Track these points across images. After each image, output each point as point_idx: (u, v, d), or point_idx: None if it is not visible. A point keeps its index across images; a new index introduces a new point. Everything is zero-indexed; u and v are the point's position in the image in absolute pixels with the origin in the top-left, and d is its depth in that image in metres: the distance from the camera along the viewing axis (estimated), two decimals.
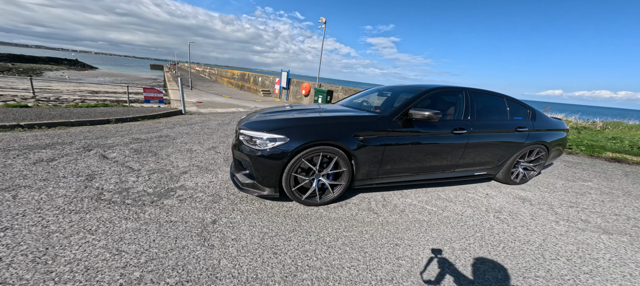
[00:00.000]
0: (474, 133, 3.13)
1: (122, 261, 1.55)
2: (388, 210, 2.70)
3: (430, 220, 2.57)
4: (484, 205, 3.04)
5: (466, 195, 3.28)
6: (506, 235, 2.45)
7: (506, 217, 2.78)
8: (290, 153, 2.29)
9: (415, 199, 3.01)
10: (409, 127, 2.77)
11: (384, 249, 2.06)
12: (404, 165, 2.89)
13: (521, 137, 3.47)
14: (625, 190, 4.01)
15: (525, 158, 3.68)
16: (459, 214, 2.75)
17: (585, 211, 3.14)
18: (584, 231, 2.64)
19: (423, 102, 3.15)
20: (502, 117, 3.48)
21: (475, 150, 3.22)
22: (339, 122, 2.59)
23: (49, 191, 2.33)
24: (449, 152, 3.06)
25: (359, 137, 2.53)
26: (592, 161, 5.85)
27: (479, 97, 3.39)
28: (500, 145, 3.37)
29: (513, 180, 3.72)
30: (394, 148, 2.72)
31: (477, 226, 2.54)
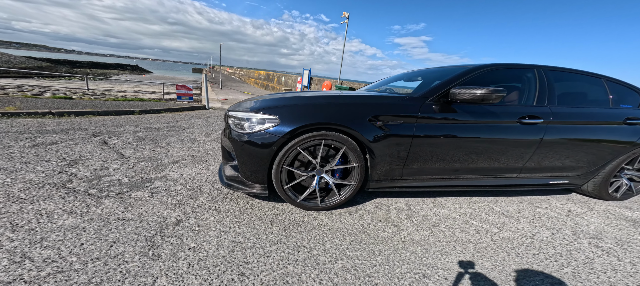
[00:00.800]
0: (556, 123, 2.17)
1: (14, 274, 1.12)
2: (414, 223, 1.95)
3: (479, 242, 1.76)
4: (567, 225, 2.07)
5: (534, 209, 2.33)
6: (619, 274, 1.51)
7: (612, 247, 1.80)
8: (280, 139, 1.71)
9: (454, 210, 2.20)
10: (450, 112, 1.96)
11: (405, 280, 1.34)
12: (440, 164, 2.07)
13: (632, 132, 2.37)
14: None
15: (635, 164, 2.53)
16: (527, 236, 1.87)
17: None
18: None
19: (471, 82, 2.28)
20: (598, 104, 2.43)
21: (555, 148, 2.25)
22: (349, 102, 1.91)
23: (19, 175, 2.10)
24: (511, 149, 2.16)
25: (376, 123, 1.82)
26: None
27: (561, 76, 2.40)
28: (598, 143, 2.33)
29: (611, 194, 2.60)
30: (425, 141, 1.94)
31: (562, 256, 1.64)
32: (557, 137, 2.20)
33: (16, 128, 3.45)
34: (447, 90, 1.95)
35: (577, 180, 2.52)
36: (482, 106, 2.05)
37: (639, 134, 2.38)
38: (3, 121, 3.76)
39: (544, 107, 2.18)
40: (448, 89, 1.95)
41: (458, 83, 2.06)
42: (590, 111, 2.32)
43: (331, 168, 1.93)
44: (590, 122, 2.29)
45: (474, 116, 2.02)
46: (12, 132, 3.25)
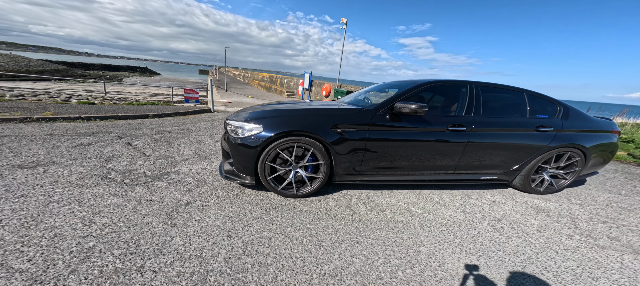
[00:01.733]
0: (477, 131, 2.74)
1: (86, 231, 1.76)
2: (368, 208, 2.54)
3: (408, 222, 2.34)
4: (483, 211, 2.65)
5: (467, 200, 2.90)
6: (492, 244, 2.10)
7: (503, 226, 2.38)
8: (263, 143, 2.33)
9: (403, 200, 2.78)
10: (396, 121, 2.56)
11: (343, 245, 1.95)
12: (391, 163, 2.67)
13: (543, 138, 2.90)
14: None
15: (551, 164, 3.07)
16: (447, 219, 2.45)
17: (621, 228, 2.53)
18: (603, 249, 2.14)
19: (415, 96, 2.88)
20: (518, 114, 2.97)
21: (479, 150, 2.81)
22: (316, 113, 2.54)
23: (72, 168, 2.78)
24: (444, 151, 2.73)
25: (337, 130, 2.43)
26: None
27: (489, 91, 2.96)
28: (513, 147, 2.87)
29: (534, 189, 3.15)
30: (377, 144, 2.54)
31: (460, 232, 2.23)
32: (478, 142, 2.76)
33: (56, 131, 4.16)
34: (392, 104, 2.54)
35: (505, 177, 3.06)
36: (421, 116, 2.63)
37: (550, 139, 2.91)
38: (45, 125, 4.48)
39: (468, 117, 2.75)
40: (393, 103, 2.54)
41: (403, 98, 2.66)
42: (507, 120, 2.88)
43: (304, 165, 2.54)
44: (507, 129, 2.84)
45: (414, 124, 2.60)
46: (54, 134, 3.97)
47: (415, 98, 2.98)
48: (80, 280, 1.37)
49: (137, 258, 1.57)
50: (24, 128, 4.19)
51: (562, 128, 2.95)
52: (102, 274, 1.42)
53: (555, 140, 2.92)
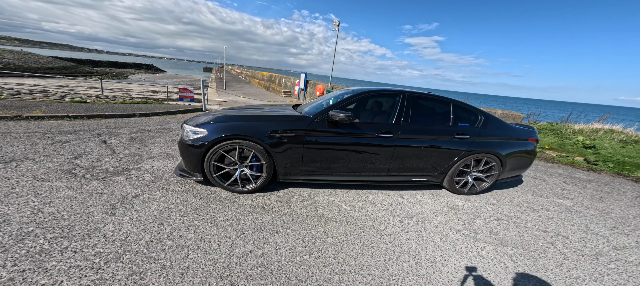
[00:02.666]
0: (402, 137, 2.99)
1: (31, 218, 2.06)
2: (304, 204, 2.81)
3: (333, 217, 2.61)
4: (403, 210, 2.90)
5: (397, 199, 3.15)
6: (390, 236, 2.38)
7: (410, 222, 2.65)
8: (207, 145, 2.62)
9: (339, 198, 3.03)
10: (332, 128, 2.83)
11: (261, 234, 2.22)
12: (329, 165, 2.95)
13: (461, 144, 3.16)
14: (609, 211, 3.31)
15: (471, 167, 3.32)
16: (367, 215, 2.71)
17: (510, 225, 2.79)
18: (475, 241, 2.42)
19: (351, 105, 3.15)
20: (441, 122, 3.23)
21: (406, 155, 3.07)
22: (257, 120, 2.81)
23: (42, 164, 3.09)
24: (375, 155, 2.99)
25: (276, 134, 2.71)
26: (610, 179, 4.85)
27: (418, 101, 3.21)
28: (435, 152, 3.13)
29: (459, 190, 3.40)
30: (314, 148, 2.82)
31: (369, 228, 2.49)
32: (404, 147, 3.02)
33: (41, 129, 4.48)
34: (328, 112, 2.81)
35: (433, 179, 3.32)
36: (354, 123, 2.90)
37: (467, 145, 3.16)
38: (32, 123, 4.82)
39: (396, 124, 3.00)
40: (328, 112, 2.81)
41: (339, 107, 2.93)
42: (430, 128, 3.13)
43: (249, 164, 2.83)
44: (430, 136, 3.10)
45: (348, 131, 2.87)
46: (38, 132, 4.29)
47: (355, 107, 3.25)
48: (7, 257, 1.66)
49: (65, 241, 1.86)
50: (13, 125, 4.52)
51: (478, 136, 3.20)
52: (28, 253, 1.71)
53: (472, 147, 3.17)
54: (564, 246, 2.47)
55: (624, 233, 2.82)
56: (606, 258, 2.36)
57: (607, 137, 8.38)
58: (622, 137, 8.43)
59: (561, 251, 2.40)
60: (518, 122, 9.01)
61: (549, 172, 4.94)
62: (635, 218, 3.21)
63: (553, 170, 5.12)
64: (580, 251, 2.42)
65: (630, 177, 5.01)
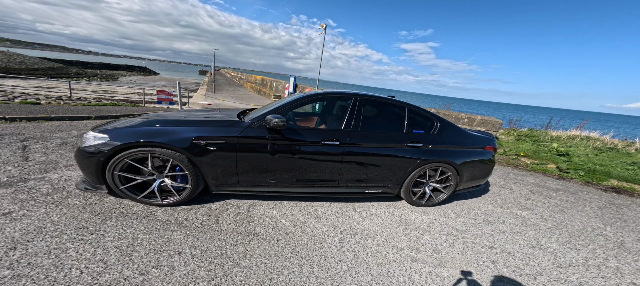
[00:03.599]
0: (351, 145, 2.63)
1: None
2: (237, 219, 2.43)
3: (263, 234, 2.25)
4: (349, 225, 2.55)
5: (348, 213, 2.79)
6: (319, 259, 2.03)
7: (351, 241, 2.31)
8: (107, 153, 2.21)
9: (282, 211, 2.66)
10: (271, 134, 2.44)
11: (157, 255, 1.85)
12: (270, 175, 2.56)
13: (414, 152, 2.82)
14: (567, 223, 3.02)
15: (426, 178, 3.00)
16: (305, 232, 2.36)
17: (457, 241, 2.48)
18: (414, 262, 2.10)
19: (294, 109, 2.79)
20: (394, 129, 2.89)
21: (357, 164, 2.71)
22: (176, 125, 2.41)
23: None
24: (321, 165, 2.61)
25: (201, 142, 2.32)
26: (578, 188, 4.59)
27: (371, 105, 2.88)
28: (387, 162, 2.78)
29: (417, 201, 3.07)
30: (249, 156, 2.44)
31: (300, 247, 2.14)
32: (353, 156, 2.66)
33: None
34: (264, 117, 2.43)
35: (389, 190, 2.96)
36: (296, 129, 2.54)
37: (420, 154, 2.83)
38: None
39: (345, 131, 2.64)
40: (265, 116, 2.42)
41: (278, 111, 2.55)
42: (380, 135, 2.78)
43: (171, 175, 2.43)
44: (380, 144, 2.75)
45: (290, 137, 2.49)
46: None
47: (299, 112, 2.87)
48: None
49: None
50: None
51: (433, 144, 2.88)
52: None
53: (426, 155, 2.84)
54: (505, 265, 2.18)
55: (575, 248, 2.56)
56: (545, 277, 2.08)
57: (583, 144, 8.25)
58: (597, 144, 8.31)
59: (500, 270, 2.10)
60: (496, 128, 8.80)
61: (519, 180, 4.67)
62: (593, 231, 2.94)
63: (523, 179, 4.85)
64: (520, 271, 2.13)
65: (600, 186, 4.78)
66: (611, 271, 2.24)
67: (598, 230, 2.96)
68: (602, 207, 3.71)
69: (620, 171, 5.35)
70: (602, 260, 2.38)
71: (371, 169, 2.77)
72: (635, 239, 2.84)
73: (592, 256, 2.43)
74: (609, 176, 5.08)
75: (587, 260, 2.32)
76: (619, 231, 3.01)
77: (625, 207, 3.78)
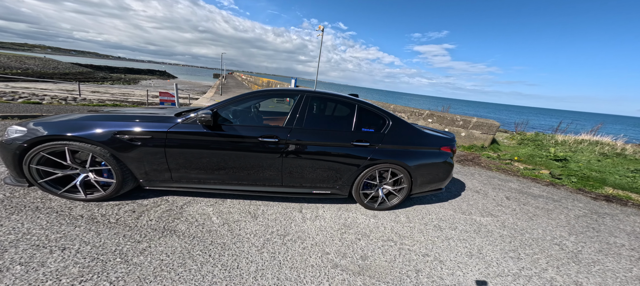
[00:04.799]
0: (291, 142, 2.55)
1: None
2: (164, 216, 2.37)
3: (182, 232, 2.19)
4: (286, 226, 2.46)
5: (291, 213, 2.71)
6: (229, 259, 1.96)
7: (276, 242, 2.23)
8: (22, 145, 2.20)
9: (218, 209, 2.60)
10: (206, 130, 2.40)
11: (34, 251, 1.79)
12: (208, 172, 2.53)
13: (360, 152, 2.71)
14: (527, 231, 2.82)
15: (377, 179, 2.88)
16: (231, 231, 2.30)
17: (393, 247, 2.33)
18: (333, 269, 1.96)
19: (236, 106, 2.75)
20: (342, 127, 2.79)
21: (299, 163, 2.62)
22: (100, 120, 2.39)
23: None
24: (260, 162, 2.55)
25: (124, 136, 2.32)
26: (566, 195, 4.28)
27: (319, 102, 2.82)
28: (332, 161, 2.67)
29: (369, 204, 2.95)
30: (181, 152, 2.42)
31: (215, 247, 2.08)
32: (295, 153, 2.58)
33: None
34: (195, 112, 2.41)
35: (339, 191, 2.84)
36: (232, 126, 2.52)
37: (368, 154, 2.71)
38: None
39: (285, 128, 2.57)
40: (196, 112, 2.41)
41: (219, 107, 2.51)
42: (325, 133, 2.68)
43: (95, 169, 2.43)
44: (324, 142, 2.64)
45: (225, 133, 2.44)
46: None
47: (243, 108, 2.84)
48: None
49: None
50: None
51: (382, 143, 2.75)
52: None
53: (374, 156, 2.73)
54: (428, 274, 2.03)
55: (517, 258, 2.36)
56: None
57: (589, 149, 7.64)
58: (605, 150, 7.66)
59: (420, 280, 1.96)
60: (493, 130, 8.39)
61: (500, 186, 4.39)
62: (550, 241, 2.72)
63: (507, 184, 4.56)
64: (440, 281, 1.98)
65: (591, 194, 4.39)
66: (542, 282, 2.05)
67: (557, 240, 2.72)
68: (581, 215, 3.40)
69: (619, 178, 4.87)
70: (540, 270, 2.18)
71: (316, 169, 2.67)
72: (596, 250, 2.57)
73: (529, 266, 2.23)
74: (604, 183, 4.64)
75: (521, 270, 2.13)
76: (582, 241, 2.76)
77: (608, 217, 3.44)
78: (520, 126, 13.44)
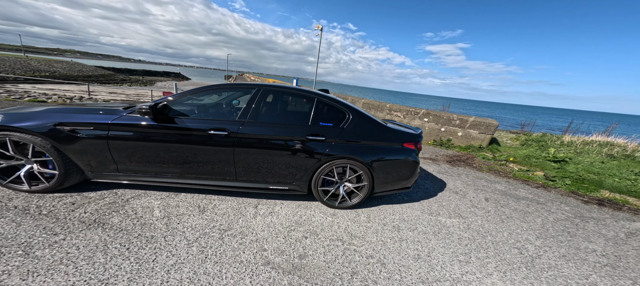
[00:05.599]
0: (242, 136, 2.49)
1: None
2: (100, 209, 2.32)
3: (114, 225, 2.14)
4: (231, 221, 2.41)
5: (244, 208, 2.65)
6: (145, 252, 1.90)
7: (213, 236, 2.18)
8: None
9: (167, 203, 2.55)
10: (148, 122, 2.38)
11: None
12: (157, 165, 2.51)
13: (316, 146, 2.62)
14: (491, 234, 2.66)
15: (335, 176, 2.79)
16: (168, 225, 2.23)
17: (338, 248, 2.22)
18: (263, 266, 1.88)
19: (189, 99, 2.75)
20: (298, 121, 2.73)
21: (252, 157, 2.56)
22: (42, 111, 2.40)
23: None
24: (211, 155, 2.51)
25: (64, 128, 2.31)
26: (554, 198, 4.01)
27: (276, 96, 2.77)
28: (286, 155, 2.60)
29: (329, 202, 2.86)
30: (126, 144, 2.40)
31: (143, 238, 2.03)
32: (246, 148, 2.52)
33: None
34: (141, 106, 2.36)
35: (297, 188, 2.75)
36: (180, 118, 2.48)
37: (326, 148, 2.62)
38: None
39: (236, 121, 2.53)
40: (141, 105, 2.37)
41: (173, 101, 2.51)
42: (279, 127, 2.61)
43: (39, 160, 2.39)
44: (277, 137, 2.57)
45: (173, 125, 2.41)
46: None
47: (196, 101, 2.84)
48: None
49: None
50: None
51: (339, 138, 2.65)
52: None
53: (332, 151, 2.63)
54: (364, 278, 1.90)
55: (465, 261, 2.19)
56: None
57: (595, 151, 7.09)
58: (614, 151, 7.07)
59: (352, 283, 1.84)
60: (491, 130, 8.01)
61: (485, 187, 4.16)
62: (512, 244, 2.53)
63: (493, 185, 4.31)
64: (373, 285, 1.85)
65: (585, 197, 4.06)
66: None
67: (519, 244, 2.51)
68: (562, 219, 3.13)
69: (618, 181, 4.47)
70: (484, 275, 2.01)
71: (270, 164, 2.60)
72: (559, 255, 2.35)
73: (474, 271, 2.06)
74: (601, 186, 4.28)
75: (464, 275, 1.96)
76: (547, 246, 2.53)
77: (593, 221, 3.15)
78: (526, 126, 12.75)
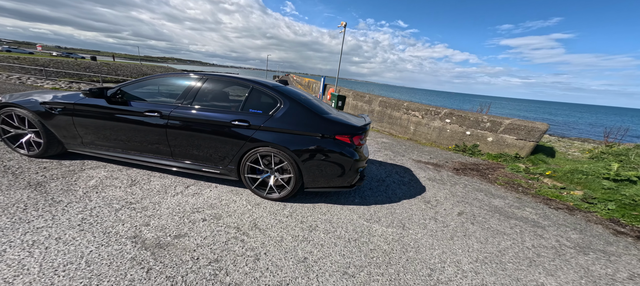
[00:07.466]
0: (174, 118, 2.68)
1: None
2: (56, 175, 2.71)
3: (49, 190, 2.44)
4: (145, 198, 2.49)
5: (172, 187, 2.77)
6: (46, 219, 2.06)
7: (116, 207, 2.33)
8: None
9: (113, 175, 2.87)
10: (101, 102, 2.78)
11: None
12: (110, 141, 2.91)
13: (240, 131, 2.59)
14: (415, 253, 2.17)
15: (261, 164, 2.70)
16: (87, 194, 2.45)
17: (237, 243, 2.09)
18: (113, 242, 1.90)
19: (139, 86, 3.03)
20: (229, 107, 2.77)
21: (184, 140, 2.73)
22: (39, 93, 3.04)
23: None
24: (147, 135, 2.79)
25: (46, 105, 2.85)
26: (571, 223, 3.05)
27: (215, 83, 2.88)
28: (211, 140, 2.67)
29: (256, 191, 2.80)
30: (83, 121, 2.85)
31: (56, 203, 2.21)
32: (176, 129, 2.69)
33: None
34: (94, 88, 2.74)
35: (227, 172, 2.79)
36: (126, 101, 2.81)
37: (250, 133, 2.58)
38: None
39: (170, 105, 2.73)
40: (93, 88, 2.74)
41: (125, 87, 2.90)
42: (208, 112, 2.68)
43: (33, 131, 2.95)
44: (205, 120, 2.64)
45: (117, 107, 2.77)
46: None
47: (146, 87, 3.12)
48: None
49: None
50: None
51: (263, 125, 2.55)
52: None
53: (256, 136, 2.56)
54: (218, 267, 1.75)
55: (350, 276, 1.78)
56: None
57: None
58: None
59: (198, 267, 1.72)
60: (534, 135, 6.39)
61: (475, 201, 3.41)
62: (428, 265, 1.94)
63: (489, 200, 3.50)
64: (225, 278, 1.66)
65: (625, 227, 2.89)
66: None
67: (439, 265, 1.89)
68: (545, 247, 2.26)
69: None
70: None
71: (198, 146, 2.71)
72: None
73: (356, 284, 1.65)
74: None
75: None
76: (477, 272, 1.87)
77: (601, 255, 2.18)
78: (612, 134, 9.62)
